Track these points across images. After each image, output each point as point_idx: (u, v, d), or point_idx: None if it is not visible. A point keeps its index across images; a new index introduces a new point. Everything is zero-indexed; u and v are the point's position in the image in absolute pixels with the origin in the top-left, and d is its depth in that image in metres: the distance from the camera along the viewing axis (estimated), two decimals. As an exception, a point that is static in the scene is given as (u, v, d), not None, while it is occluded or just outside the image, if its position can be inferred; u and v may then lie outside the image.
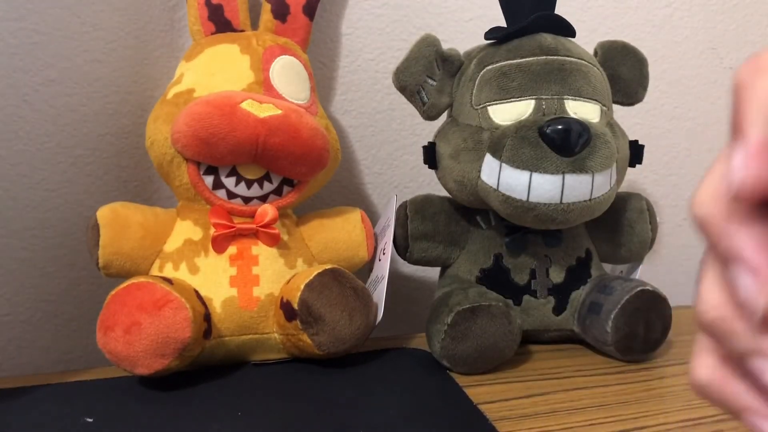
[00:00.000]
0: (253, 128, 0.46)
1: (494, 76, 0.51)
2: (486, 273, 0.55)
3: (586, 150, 0.47)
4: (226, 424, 0.41)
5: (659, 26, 0.73)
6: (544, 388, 0.47)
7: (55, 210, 0.57)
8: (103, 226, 0.48)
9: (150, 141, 0.50)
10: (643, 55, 0.56)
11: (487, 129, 0.50)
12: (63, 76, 0.55)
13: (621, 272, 0.62)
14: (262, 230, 0.50)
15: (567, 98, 0.50)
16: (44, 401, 0.44)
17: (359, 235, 0.55)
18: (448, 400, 0.45)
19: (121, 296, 0.44)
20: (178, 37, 0.59)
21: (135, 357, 0.43)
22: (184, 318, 0.43)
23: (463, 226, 0.56)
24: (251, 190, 0.49)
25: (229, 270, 0.49)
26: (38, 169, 0.56)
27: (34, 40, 0.54)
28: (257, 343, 0.50)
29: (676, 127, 0.77)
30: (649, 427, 0.41)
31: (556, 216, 0.48)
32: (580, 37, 0.55)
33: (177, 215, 0.52)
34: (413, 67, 0.53)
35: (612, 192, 0.50)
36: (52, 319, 0.59)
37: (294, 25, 0.56)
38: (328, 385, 0.47)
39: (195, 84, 0.50)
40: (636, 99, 0.56)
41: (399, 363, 0.51)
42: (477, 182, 0.51)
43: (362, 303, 0.48)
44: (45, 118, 0.55)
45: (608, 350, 0.51)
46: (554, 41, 0.52)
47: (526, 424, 0.41)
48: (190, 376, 0.47)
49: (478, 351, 0.48)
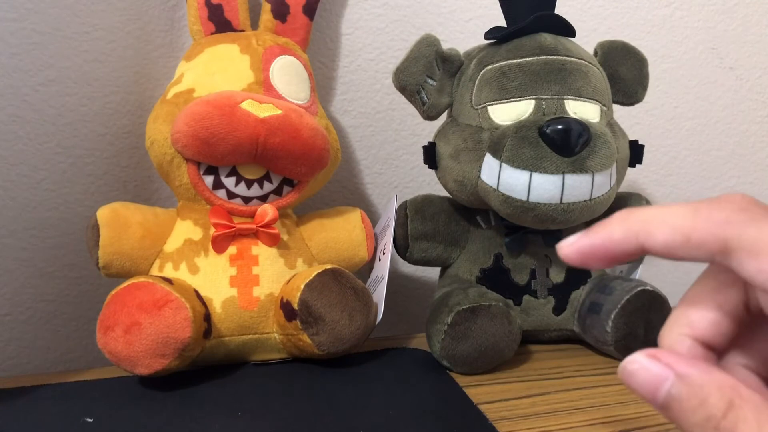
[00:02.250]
0: (253, 128, 0.46)
1: (494, 76, 0.51)
2: (486, 273, 0.55)
3: (586, 150, 0.47)
4: (226, 424, 0.40)
5: (659, 26, 0.73)
6: (544, 388, 0.47)
7: (55, 210, 0.57)
8: (103, 226, 0.48)
9: (150, 141, 0.50)
10: (643, 55, 0.56)
11: (487, 129, 0.50)
12: (63, 76, 0.55)
13: (621, 272, 0.62)
14: (262, 230, 0.50)
15: (567, 98, 0.50)
16: (44, 401, 0.44)
17: (359, 235, 0.55)
18: (448, 400, 0.45)
19: (121, 296, 0.44)
20: (178, 37, 0.59)
21: (135, 357, 0.43)
22: (184, 318, 0.43)
23: (463, 226, 0.56)
24: (251, 190, 0.49)
25: (229, 270, 0.49)
26: (38, 169, 0.56)
27: (34, 40, 0.54)
28: (257, 343, 0.50)
29: (676, 127, 0.77)
30: (648, 427, 0.41)
31: (556, 216, 0.48)
32: (580, 37, 0.55)
33: (177, 215, 0.52)
34: (413, 67, 0.53)
35: (612, 192, 0.50)
36: (52, 319, 0.59)
37: (294, 25, 0.56)
38: (328, 385, 0.47)
39: (195, 84, 0.50)
40: (636, 99, 0.56)
41: (399, 363, 0.51)
42: (477, 182, 0.51)
43: (362, 303, 0.48)
44: (45, 118, 0.55)
45: (608, 350, 0.51)
46: (554, 41, 0.52)
47: (526, 424, 0.41)
48: (190, 376, 0.47)
49: (478, 351, 0.48)
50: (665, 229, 0.20)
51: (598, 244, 0.21)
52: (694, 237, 0.20)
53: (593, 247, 0.21)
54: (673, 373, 0.19)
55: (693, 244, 0.20)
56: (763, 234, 0.19)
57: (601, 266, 0.22)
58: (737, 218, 0.19)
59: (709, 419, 0.18)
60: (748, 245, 0.19)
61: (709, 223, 0.20)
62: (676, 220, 0.20)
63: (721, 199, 0.20)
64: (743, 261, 0.19)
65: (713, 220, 0.20)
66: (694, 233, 0.20)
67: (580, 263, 0.22)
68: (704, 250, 0.19)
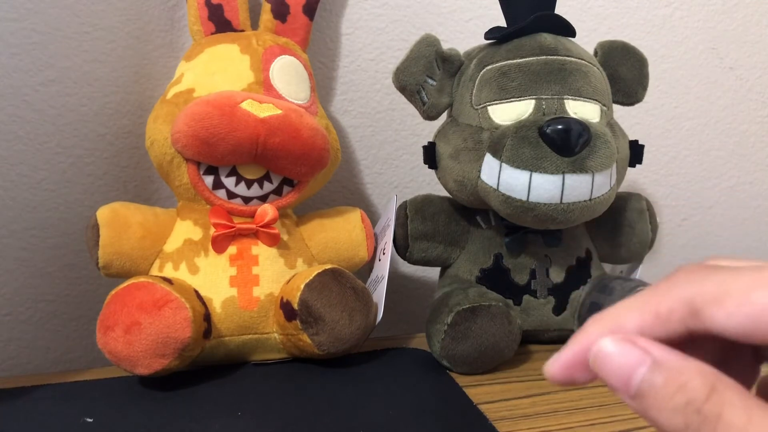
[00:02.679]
0: (253, 128, 0.46)
1: (494, 76, 0.51)
2: (486, 273, 0.55)
3: (586, 150, 0.47)
4: (226, 424, 0.40)
5: (659, 26, 0.73)
6: (544, 388, 0.47)
7: (55, 210, 0.57)
8: (103, 226, 0.48)
9: (150, 141, 0.50)
10: (643, 55, 0.56)
11: (487, 129, 0.50)
12: (63, 76, 0.55)
13: (621, 272, 0.62)
14: (262, 230, 0.50)
15: (567, 98, 0.50)
16: (44, 401, 0.44)
17: (359, 235, 0.55)
18: (448, 400, 0.45)
19: (121, 296, 0.44)
20: (178, 37, 0.59)
21: (135, 357, 0.43)
22: (184, 318, 0.43)
23: (463, 226, 0.56)
24: (251, 190, 0.49)
25: (229, 270, 0.49)
26: (38, 169, 0.56)
27: (34, 40, 0.54)
28: (257, 343, 0.50)
29: (676, 127, 0.77)
30: (648, 427, 0.41)
31: (556, 216, 0.48)
32: (580, 37, 0.55)
33: (177, 215, 0.52)
34: (413, 67, 0.53)
35: (612, 192, 0.50)
36: (52, 319, 0.59)
37: (294, 25, 0.56)
38: (328, 385, 0.47)
39: (195, 84, 0.50)
40: (636, 99, 0.56)
41: (399, 363, 0.51)
42: (477, 182, 0.51)
43: (362, 303, 0.48)
44: (45, 118, 0.55)
45: (608, 350, 0.51)
46: (554, 41, 0.52)
47: (526, 424, 0.41)
48: (190, 376, 0.47)
49: (478, 351, 0.48)
50: (635, 314, 0.20)
51: (579, 351, 0.21)
52: (661, 310, 0.19)
53: (576, 356, 0.21)
54: (650, 358, 0.19)
55: (663, 317, 0.19)
56: (720, 284, 0.18)
57: (588, 378, 0.21)
58: (694, 278, 0.19)
59: (689, 403, 0.18)
60: (711, 297, 0.18)
61: (670, 293, 0.19)
62: (641, 304, 0.20)
63: (673, 273, 0.20)
64: (713, 314, 0.18)
65: (674, 290, 0.19)
66: (661, 306, 0.19)
67: (568, 380, 0.21)
68: (675, 319, 0.19)
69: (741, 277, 0.18)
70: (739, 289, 0.18)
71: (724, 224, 0.80)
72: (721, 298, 0.18)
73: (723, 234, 0.81)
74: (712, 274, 0.19)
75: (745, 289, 0.18)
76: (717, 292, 0.18)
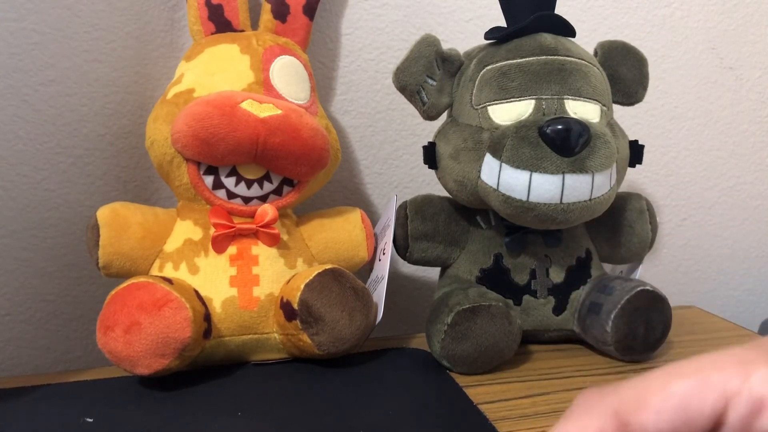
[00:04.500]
0: (253, 128, 0.46)
1: (494, 76, 0.51)
2: (486, 273, 0.55)
3: (586, 150, 0.47)
4: (226, 424, 0.41)
5: (659, 26, 0.73)
6: (544, 388, 0.47)
7: (55, 210, 0.57)
8: (103, 226, 0.48)
9: (150, 141, 0.50)
10: (643, 55, 0.56)
11: (487, 129, 0.50)
12: (63, 76, 0.55)
13: (621, 272, 0.62)
14: (262, 230, 0.50)
15: (567, 98, 0.50)
16: (44, 401, 0.44)
17: (359, 235, 0.55)
18: (448, 400, 0.45)
19: (121, 296, 0.44)
20: (178, 37, 0.59)
21: (135, 357, 0.43)
22: (184, 318, 0.43)
23: (463, 226, 0.56)
24: (251, 190, 0.49)
25: (229, 270, 0.49)
26: (38, 169, 0.56)
27: (34, 40, 0.54)
28: (257, 343, 0.50)
29: (676, 127, 0.77)
30: (649, 427, 0.41)
31: (556, 216, 0.48)
32: (580, 37, 0.55)
33: (177, 215, 0.52)
34: (413, 67, 0.53)
35: (612, 192, 0.50)
36: (52, 319, 0.59)
37: (294, 25, 0.56)
38: (328, 385, 0.47)
39: (195, 84, 0.50)
40: (636, 99, 0.56)
41: (399, 363, 0.51)
42: (477, 182, 0.51)
43: (362, 303, 0.48)
44: (45, 118, 0.55)
45: (608, 350, 0.51)
46: (554, 41, 0.52)
47: (526, 424, 0.41)
48: (190, 376, 0.47)
49: (478, 351, 0.48)
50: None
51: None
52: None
53: None
54: None
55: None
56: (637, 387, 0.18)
57: None
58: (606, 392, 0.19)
59: None
60: (634, 402, 0.18)
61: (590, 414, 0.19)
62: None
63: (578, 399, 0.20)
64: (641, 419, 0.18)
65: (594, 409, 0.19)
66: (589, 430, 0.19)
67: None
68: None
69: (654, 375, 0.18)
70: (658, 386, 0.18)
71: (724, 224, 0.80)
72: (643, 399, 0.18)
73: (723, 234, 0.81)
74: (623, 384, 0.19)
75: (662, 384, 0.18)
76: (638, 395, 0.18)
